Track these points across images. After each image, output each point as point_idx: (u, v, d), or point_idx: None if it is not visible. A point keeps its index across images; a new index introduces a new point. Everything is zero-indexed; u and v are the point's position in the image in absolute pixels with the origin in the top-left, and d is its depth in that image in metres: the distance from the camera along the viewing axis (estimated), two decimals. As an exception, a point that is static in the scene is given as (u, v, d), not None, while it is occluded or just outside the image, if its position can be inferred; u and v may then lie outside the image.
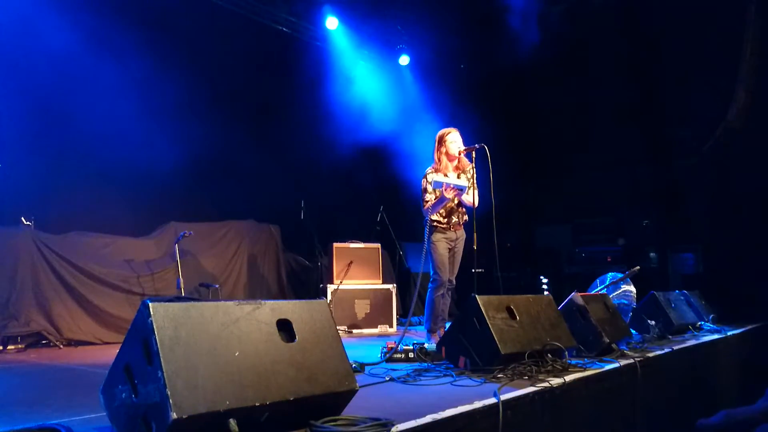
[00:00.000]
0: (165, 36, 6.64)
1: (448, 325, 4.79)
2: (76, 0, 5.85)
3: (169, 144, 6.33)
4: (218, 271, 6.86)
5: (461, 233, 5.12)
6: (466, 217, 5.14)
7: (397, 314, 6.97)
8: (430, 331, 4.99)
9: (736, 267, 7.15)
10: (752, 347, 5.86)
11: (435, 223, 4.98)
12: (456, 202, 5.02)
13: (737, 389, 5.45)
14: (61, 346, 5.27)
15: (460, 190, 4.83)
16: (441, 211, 4.98)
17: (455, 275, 5.16)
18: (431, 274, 5.02)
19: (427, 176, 4.99)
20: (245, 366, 1.87)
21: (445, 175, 4.95)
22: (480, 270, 5.34)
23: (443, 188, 4.74)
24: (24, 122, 5.55)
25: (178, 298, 3.85)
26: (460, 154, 5.01)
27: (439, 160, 5.06)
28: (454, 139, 5.01)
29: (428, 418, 2.12)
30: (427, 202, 4.93)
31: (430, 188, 4.92)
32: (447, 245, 5.00)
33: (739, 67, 7.32)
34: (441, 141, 5.05)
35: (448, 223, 5.00)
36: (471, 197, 4.96)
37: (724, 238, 7.49)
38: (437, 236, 4.96)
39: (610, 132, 8.66)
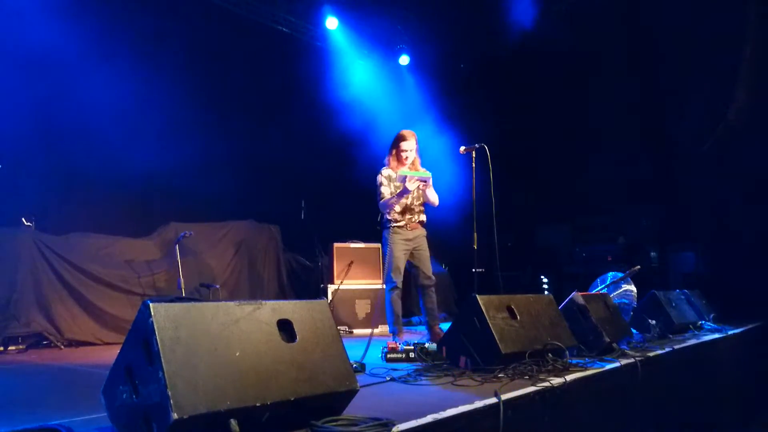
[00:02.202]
0: (165, 37, 6.64)
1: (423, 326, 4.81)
2: (76, 3, 5.85)
3: (169, 144, 6.33)
4: (219, 272, 6.86)
5: (419, 232, 5.10)
6: (423, 217, 5.15)
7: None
8: (396, 334, 4.97)
9: (736, 266, 7.14)
10: (753, 346, 5.85)
11: (391, 223, 4.99)
12: (420, 201, 5.09)
13: (738, 388, 5.45)
14: (62, 347, 5.28)
15: (424, 182, 4.90)
16: (396, 208, 4.99)
17: (431, 272, 5.14)
18: (386, 276, 5.01)
19: (382, 171, 5.07)
20: (246, 366, 1.87)
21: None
22: (480, 269, 5.33)
23: (407, 180, 4.78)
24: (25, 123, 5.55)
25: (179, 299, 3.85)
26: (462, 152, 5.09)
27: (393, 159, 5.10)
28: (406, 148, 5.03)
29: (429, 418, 2.12)
30: (383, 195, 4.99)
31: (385, 182, 5.00)
32: (404, 247, 4.98)
33: (739, 66, 7.31)
34: (395, 143, 5.09)
35: (404, 220, 5.01)
36: (432, 196, 5.06)
37: (724, 237, 7.48)
38: (393, 238, 4.96)
39: (610, 130, 8.65)
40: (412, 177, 4.81)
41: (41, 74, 5.76)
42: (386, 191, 4.98)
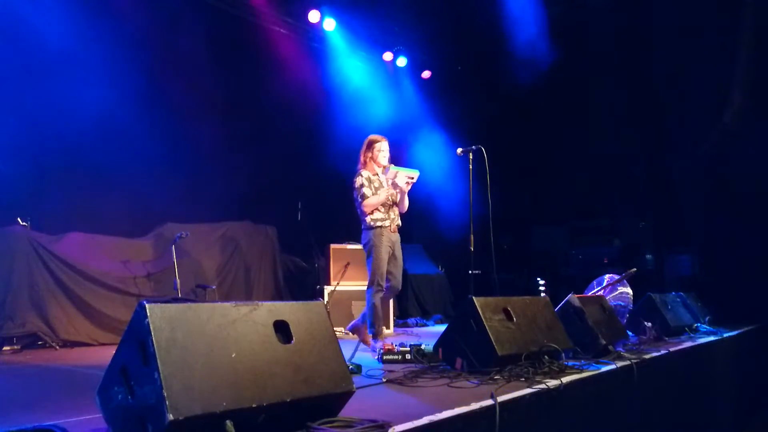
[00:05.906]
0: (161, 37, 6.63)
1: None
2: (75, 4, 5.84)
3: (166, 144, 6.31)
4: (215, 273, 6.84)
5: (398, 236, 4.94)
6: (399, 222, 4.99)
7: (394, 315, 6.97)
8: (377, 335, 4.79)
9: (732, 269, 7.16)
10: (748, 349, 5.87)
11: (378, 222, 4.79)
12: (398, 200, 4.90)
13: (733, 391, 5.47)
14: (57, 347, 5.26)
15: (411, 178, 4.81)
16: (380, 208, 4.81)
17: (400, 282, 4.98)
18: (370, 277, 4.81)
19: (362, 173, 4.88)
20: (242, 367, 1.87)
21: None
22: (477, 271, 5.34)
23: (397, 175, 4.69)
24: (20, 123, 5.53)
25: (175, 300, 3.84)
26: (459, 154, 5.09)
27: (365, 163, 4.96)
28: (382, 149, 4.94)
29: (425, 420, 2.12)
30: (365, 195, 4.79)
31: (366, 183, 4.82)
32: (387, 250, 4.80)
33: (735, 69, 7.34)
34: (369, 146, 4.96)
35: (388, 220, 4.83)
36: (406, 201, 4.95)
37: (720, 240, 7.50)
38: (379, 239, 4.74)
39: (606, 133, 8.68)
40: (402, 173, 4.72)
41: (36, 74, 5.74)
42: (368, 192, 4.79)
